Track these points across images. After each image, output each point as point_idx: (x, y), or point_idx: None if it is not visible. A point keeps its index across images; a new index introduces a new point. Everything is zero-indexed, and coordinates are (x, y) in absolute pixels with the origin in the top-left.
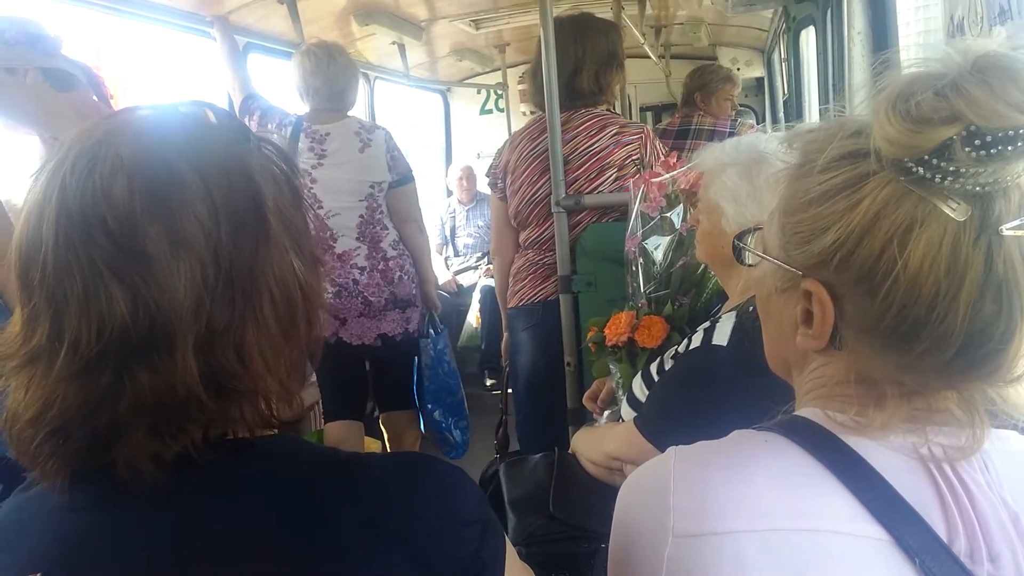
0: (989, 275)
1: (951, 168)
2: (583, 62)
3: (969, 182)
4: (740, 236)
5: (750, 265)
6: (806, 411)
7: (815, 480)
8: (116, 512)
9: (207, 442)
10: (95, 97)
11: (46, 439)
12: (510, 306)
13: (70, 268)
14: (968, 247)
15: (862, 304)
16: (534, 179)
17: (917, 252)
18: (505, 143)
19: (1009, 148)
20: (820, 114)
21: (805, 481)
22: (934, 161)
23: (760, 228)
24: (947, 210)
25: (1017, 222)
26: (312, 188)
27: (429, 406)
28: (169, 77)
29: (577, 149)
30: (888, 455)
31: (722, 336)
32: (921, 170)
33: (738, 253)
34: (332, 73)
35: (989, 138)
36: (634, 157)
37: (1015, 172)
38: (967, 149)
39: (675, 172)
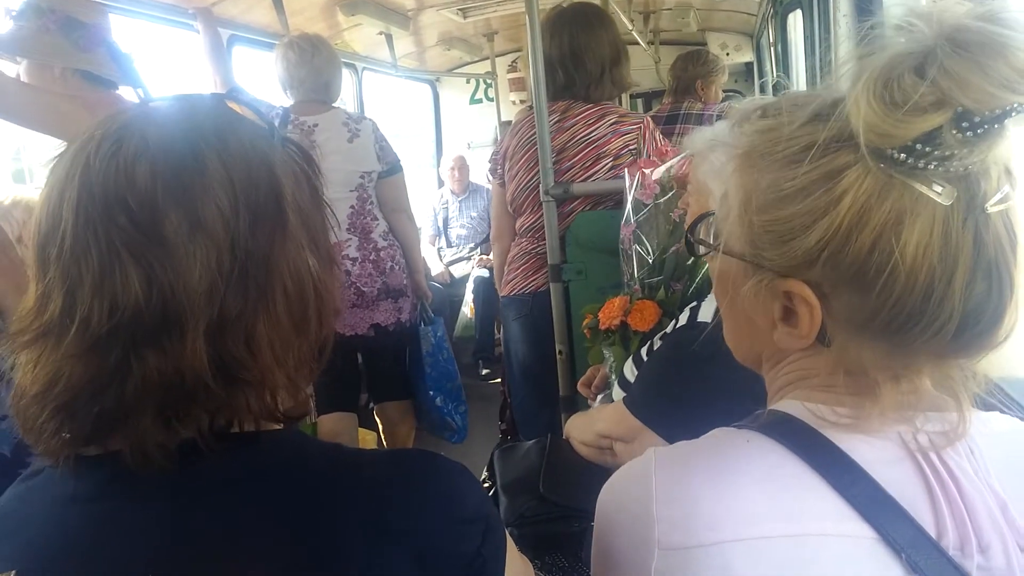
0: (979, 254)
1: (938, 153)
2: (584, 52)
3: (956, 165)
4: (692, 227)
5: (702, 255)
6: (787, 405)
7: (800, 481)
8: (119, 504)
9: (213, 431)
10: (139, 91)
11: (51, 415)
12: (502, 295)
13: (87, 246)
14: (958, 230)
15: (853, 301)
16: (529, 166)
17: (911, 243)
18: (507, 130)
19: (996, 127)
20: None
21: (790, 483)
22: (919, 147)
23: (711, 213)
24: (933, 195)
25: (999, 195)
26: None
27: (431, 393)
28: (152, 71)
29: (575, 138)
30: (874, 447)
31: (707, 313)
32: (904, 156)
33: (690, 247)
34: (317, 64)
35: (978, 119)
36: (631, 147)
37: (1000, 150)
38: (955, 132)
39: (671, 162)
